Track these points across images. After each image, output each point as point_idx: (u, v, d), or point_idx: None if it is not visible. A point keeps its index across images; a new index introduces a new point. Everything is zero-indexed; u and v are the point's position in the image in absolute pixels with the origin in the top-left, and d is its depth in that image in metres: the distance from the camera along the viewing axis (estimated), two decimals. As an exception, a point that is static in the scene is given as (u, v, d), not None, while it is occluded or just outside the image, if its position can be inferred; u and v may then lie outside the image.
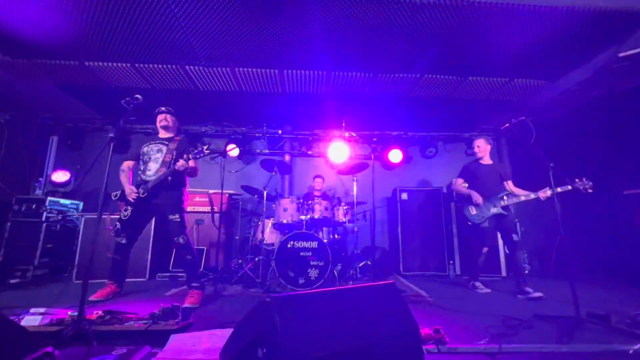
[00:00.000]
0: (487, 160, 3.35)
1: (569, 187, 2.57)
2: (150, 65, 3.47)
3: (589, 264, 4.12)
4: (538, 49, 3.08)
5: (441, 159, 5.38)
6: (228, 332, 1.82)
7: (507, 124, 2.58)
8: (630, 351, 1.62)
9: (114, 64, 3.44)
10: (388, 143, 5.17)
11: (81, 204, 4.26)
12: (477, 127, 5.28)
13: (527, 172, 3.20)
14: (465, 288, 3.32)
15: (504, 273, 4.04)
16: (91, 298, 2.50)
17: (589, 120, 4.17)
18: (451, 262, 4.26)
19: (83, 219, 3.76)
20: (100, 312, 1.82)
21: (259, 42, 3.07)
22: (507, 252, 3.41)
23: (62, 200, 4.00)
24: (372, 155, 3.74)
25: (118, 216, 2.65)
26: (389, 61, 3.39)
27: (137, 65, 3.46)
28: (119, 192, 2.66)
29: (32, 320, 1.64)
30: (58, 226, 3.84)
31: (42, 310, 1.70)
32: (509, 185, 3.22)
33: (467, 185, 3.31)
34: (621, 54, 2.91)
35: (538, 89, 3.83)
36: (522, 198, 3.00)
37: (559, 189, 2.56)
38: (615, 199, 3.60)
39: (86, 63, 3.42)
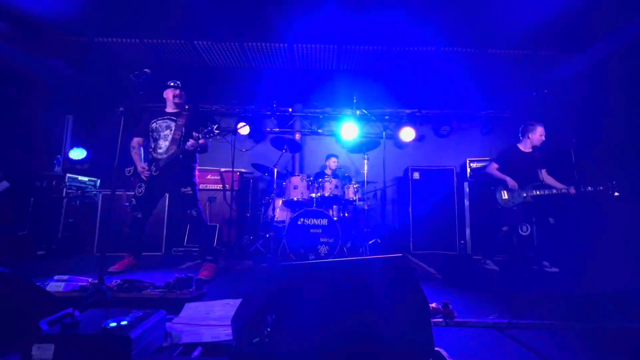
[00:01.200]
0: (528, 147, 3.21)
1: (598, 188, 2.68)
2: (159, 41, 3.43)
3: (609, 243, 4.00)
4: (565, 16, 2.86)
5: (455, 137, 5.22)
6: (240, 301, 1.88)
7: (528, 98, 2.43)
8: (646, 329, 1.59)
9: (123, 40, 3.41)
10: (400, 121, 5.04)
11: (98, 181, 4.39)
12: (495, 105, 5.06)
13: (546, 152, 3.05)
14: (475, 266, 3.31)
15: (516, 252, 3.99)
16: (110, 269, 2.61)
17: (619, 94, 3.91)
18: (462, 241, 4.22)
19: (101, 195, 3.89)
20: (119, 281, 1.90)
21: (267, 14, 2.97)
22: (527, 232, 3.51)
23: (80, 177, 4.13)
24: (384, 134, 3.65)
25: (133, 193, 2.72)
26: (404, 33, 3.24)
27: (146, 40, 3.42)
28: (132, 168, 2.70)
29: (55, 286, 1.73)
30: (78, 202, 3.98)
31: (65, 277, 1.78)
32: (544, 173, 3.18)
33: (499, 169, 3.29)
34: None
35: (563, 61, 3.60)
36: (554, 191, 3.00)
37: (574, 190, 2.74)
38: (632, 180, 3.43)
39: (95, 39, 3.40)
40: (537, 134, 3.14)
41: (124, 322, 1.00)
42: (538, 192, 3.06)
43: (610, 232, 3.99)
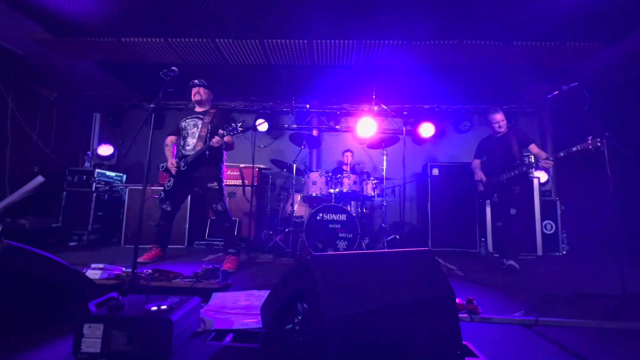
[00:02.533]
0: (498, 132, 3.11)
1: (575, 149, 2.47)
2: (182, 40, 3.52)
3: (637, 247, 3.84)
4: (593, 6, 2.74)
5: (476, 133, 5.10)
6: (263, 292, 1.93)
7: (556, 92, 2.34)
8: (684, 331, 1.53)
9: (149, 39, 3.53)
10: (419, 117, 4.97)
11: (124, 176, 4.57)
12: (517, 99, 4.90)
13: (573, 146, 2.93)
14: (497, 265, 3.24)
15: (540, 252, 3.88)
16: (139, 259, 2.73)
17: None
18: (482, 239, 4.14)
19: (127, 189, 4.05)
20: (150, 271, 1.99)
21: (288, 10, 2.99)
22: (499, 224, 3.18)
23: (107, 172, 4.32)
24: (404, 129, 3.62)
25: (160, 187, 2.85)
26: (425, 26, 3.18)
27: (169, 40, 3.52)
28: (165, 164, 2.84)
29: (92, 274, 1.84)
30: (106, 196, 4.17)
31: (101, 266, 1.89)
32: (533, 148, 2.97)
33: (479, 164, 3.32)
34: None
35: (592, 53, 3.45)
36: (524, 169, 2.86)
37: (561, 153, 2.58)
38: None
39: (122, 39, 3.53)
40: (493, 122, 3.06)
41: (164, 307, 1.06)
42: (509, 175, 2.91)
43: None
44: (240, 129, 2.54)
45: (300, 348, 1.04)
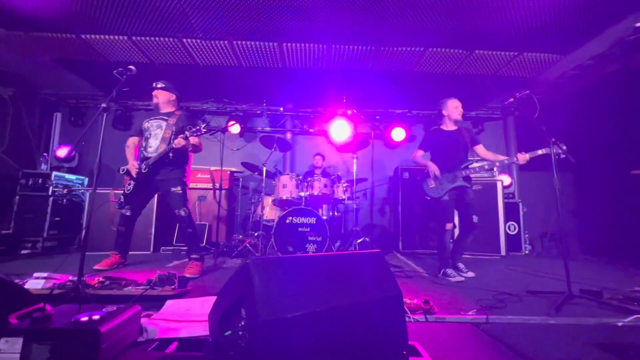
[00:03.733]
0: (451, 126, 2.90)
1: (539, 152, 2.43)
2: (148, 38, 3.41)
3: (593, 243, 4.09)
4: (549, 19, 2.92)
5: (445, 138, 5.27)
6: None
7: (511, 99, 2.47)
8: (620, 324, 1.63)
9: (111, 37, 3.39)
10: (391, 121, 5.07)
11: (86, 180, 4.35)
12: (484, 106, 5.12)
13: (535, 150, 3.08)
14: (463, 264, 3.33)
15: (503, 252, 4.04)
16: (95, 267, 2.59)
17: (601, 98, 4.00)
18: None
19: (88, 193, 3.85)
20: (100, 278, 1.89)
21: (256, 12, 2.97)
22: (459, 232, 2.93)
23: (67, 176, 4.08)
24: (373, 133, 3.68)
25: (122, 190, 2.72)
26: (392, 33, 3.26)
27: (134, 38, 3.40)
28: (125, 167, 2.72)
29: (34, 283, 1.72)
30: (64, 200, 3.94)
31: (44, 274, 1.77)
32: (480, 150, 2.83)
33: (429, 155, 2.96)
34: (638, 24, 2.74)
35: (548, 63, 3.67)
36: (486, 166, 2.72)
37: (527, 155, 2.48)
38: (622, 179, 3.51)
39: (82, 36, 3.37)
40: (451, 107, 2.84)
41: (95, 317, 1.00)
42: (466, 172, 2.69)
43: (594, 230, 4.07)
44: (204, 130, 2.48)
45: (241, 353, 1.02)
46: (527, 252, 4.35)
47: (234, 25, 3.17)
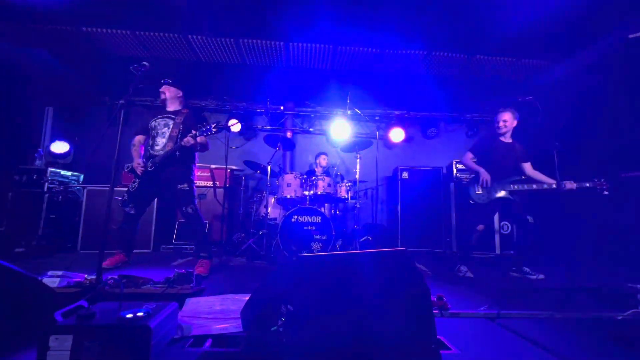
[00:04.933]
0: (507, 138, 2.93)
1: (588, 185, 2.56)
2: (152, 34, 3.36)
3: (585, 242, 4.28)
4: (546, 27, 3.05)
5: (442, 139, 5.41)
6: (239, 296, 1.90)
7: (516, 101, 2.58)
8: (619, 317, 1.75)
9: (114, 31, 3.32)
10: (390, 122, 5.16)
11: (82, 176, 4.23)
12: (480, 109, 5.28)
13: (530, 154, 3.20)
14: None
15: (497, 251, 4.19)
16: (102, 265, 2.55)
17: (593, 104, 4.20)
18: (448, 239, 4.39)
19: (85, 190, 3.76)
20: (115, 277, 1.87)
21: (265, 11, 2.98)
22: (516, 238, 3.18)
23: (62, 172, 3.96)
24: (377, 134, 3.74)
25: (124, 188, 2.68)
26: (397, 36, 3.33)
27: (137, 33, 3.34)
28: (131, 164, 2.68)
29: (50, 282, 1.68)
30: (60, 197, 3.83)
31: (59, 273, 1.74)
32: (527, 167, 2.90)
33: (475, 160, 2.99)
34: (631, 36, 2.90)
35: (544, 70, 3.82)
36: (534, 186, 2.72)
37: (574, 184, 2.57)
38: (613, 181, 3.69)
39: (83, 29, 3.29)
40: (496, 120, 2.90)
41: (140, 314, 1.01)
42: (516, 187, 2.72)
43: (589, 230, 4.26)
44: (214, 129, 2.48)
45: (284, 349, 1.05)
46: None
47: (241, 23, 3.16)
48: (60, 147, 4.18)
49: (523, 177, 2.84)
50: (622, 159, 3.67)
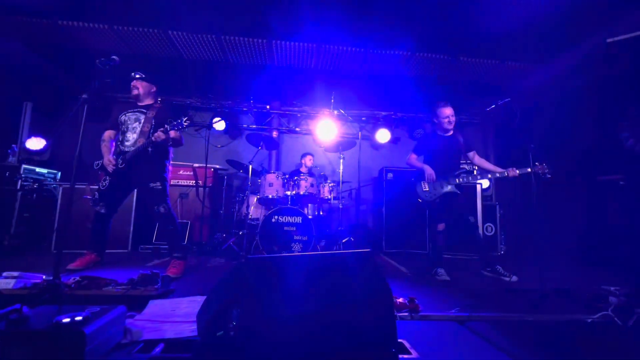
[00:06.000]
0: (445, 131, 2.91)
1: (529, 170, 2.48)
2: (131, 29, 3.28)
3: (562, 245, 4.33)
4: (529, 30, 3.06)
5: (429, 141, 5.41)
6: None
7: (493, 105, 2.59)
8: (589, 320, 1.74)
9: (91, 25, 3.23)
10: (377, 123, 5.15)
11: (59, 174, 4.11)
12: (465, 111, 5.30)
13: (508, 155, 3.23)
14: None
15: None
16: (69, 267, 2.46)
17: (573, 107, 4.25)
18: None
19: (61, 188, 3.65)
20: (77, 278, 1.80)
21: (248, 8, 2.93)
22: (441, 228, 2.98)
23: (37, 169, 3.85)
24: (360, 134, 3.72)
25: (97, 186, 2.59)
26: (382, 36, 3.31)
27: (116, 27, 3.26)
28: (101, 161, 2.59)
29: (4, 283, 1.61)
30: (34, 195, 3.71)
31: (15, 274, 1.66)
32: (474, 157, 2.91)
33: (422, 159, 2.96)
34: (609, 40, 2.93)
35: (527, 72, 3.85)
36: (479, 178, 2.75)
37: (517, 171, 2.54)
38: (590, 184, 3.74)
39: (60, 22, 3.19)
40: (442, 116, 2.82)
41: (78, 318, 0.95)
42: (461, 180, 2.72)
43: (565, 232, 4.31)
44: (186, 123, 2.40)
45: (235, 355, 1.00)
46: (502, 252, 4.54)
47: (224, 20, 3.11)
48: (35, 143, 4.06)
49: (474, 167, 2.76)
50: (600, 162, 3.72)
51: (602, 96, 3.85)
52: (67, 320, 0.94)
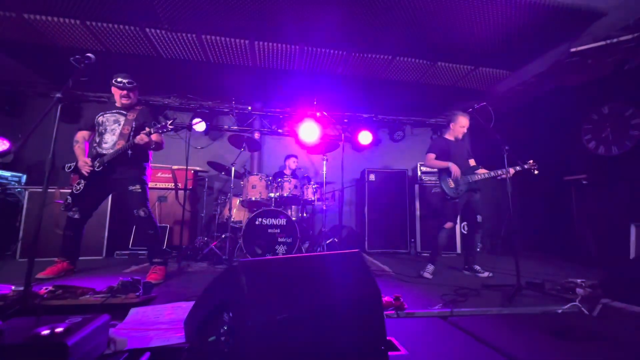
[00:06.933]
0: (455, 137, 3.15)
1: (518, 168, 2.77)
2: (105, 25, 3.13)
3: (532, 241, 4.59)
4: (501, 38, 3.22)
5: (408, 142, 5.56)
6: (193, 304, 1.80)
7: (470, 109, 2.72)
8: (559, 311, 1.86)
9: (61, 20, 3.05)
10: (358, 125, 5.22)
11: (24, 177, 3.86)
12: (443, 114, 5.49)
13: (483, 156, 3.39)
14: (424, 264, 3.54)
15: (459, 250, 4.37)
16: (39, 275, 2.32)
17: (541, 111, 4.53)
18: (412, 240, 4.51)
19: (27, 192, 3.43)
20: (50, 287, 1.70)
21: (228, 6, 2.88)
22: (466, 230, 3.40)
23: (1, 172, 3.59)
24: (343, 136, 3.76)
25: (70, 190, 2.45)
26: (362, 40, 3.37)
27: (88, 23, 3.10)
28: (73, 164, 2.45)
29: (-32, 296, 1.49)
30: (-3, 200, 3.46)
31: (-20, 285, 1.54)
32: (473, 162, 3.14)
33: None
34: (573, 49, 3.15)
35: (499, 78, 4.05)
36: (492, 174, 2.90)
37: (511, 170, 2.72)
38: (557, 183, 3.99)
39: (25, 15, 2.99)
40: (458, 125, 3.06)
41: (59, 329, 0.90)
42: (478, 177, 2.91)
43: (534, 228, 4.57)
44: (170, 126, 2.34)
45: (225, 359, 0.99)
46: (479, 249, 4.74)
47: (204, 18, 3.04)
48: (4, 145, 3.78)
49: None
50: (565, 162, 3.98)
51: (566, 101, 4.13)
52: (46, 332, 0.89)
